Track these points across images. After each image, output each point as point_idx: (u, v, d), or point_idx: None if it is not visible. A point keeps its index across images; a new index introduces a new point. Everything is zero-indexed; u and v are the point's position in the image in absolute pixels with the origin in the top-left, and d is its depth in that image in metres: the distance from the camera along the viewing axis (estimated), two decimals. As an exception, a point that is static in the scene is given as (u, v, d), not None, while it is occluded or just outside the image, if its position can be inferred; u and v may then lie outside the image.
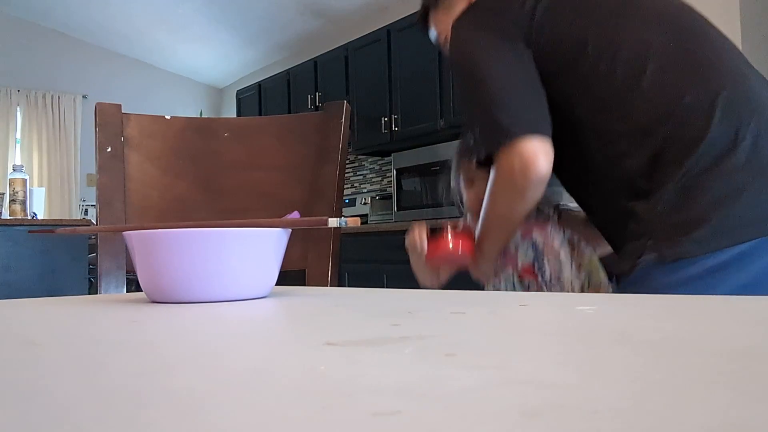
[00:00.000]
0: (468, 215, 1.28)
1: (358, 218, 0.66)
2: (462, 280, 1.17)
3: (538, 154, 1.00)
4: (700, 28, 1.04)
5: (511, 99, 1.03)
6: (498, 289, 1.16)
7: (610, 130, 0.99)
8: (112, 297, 0.70)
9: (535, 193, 1.02)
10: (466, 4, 1.19)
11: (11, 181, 3.61)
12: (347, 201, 4.91)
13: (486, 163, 1.09)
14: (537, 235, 1.18)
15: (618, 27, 1.01)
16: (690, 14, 1.06)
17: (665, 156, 0.93)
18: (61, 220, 4.50)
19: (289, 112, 5.28)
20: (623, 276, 0.95)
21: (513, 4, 1.07)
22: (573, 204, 1.22)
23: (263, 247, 0.60)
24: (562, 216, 1.24)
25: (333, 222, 0.61)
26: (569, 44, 1.02)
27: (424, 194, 4.22)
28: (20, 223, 3.42)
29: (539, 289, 1.14)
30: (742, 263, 0.88)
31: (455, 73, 1.13)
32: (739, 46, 2.72)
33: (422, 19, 1.32)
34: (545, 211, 1.23)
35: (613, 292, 0.98)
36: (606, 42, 1.00)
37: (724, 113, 0.91)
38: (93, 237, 3.47)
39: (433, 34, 1.30)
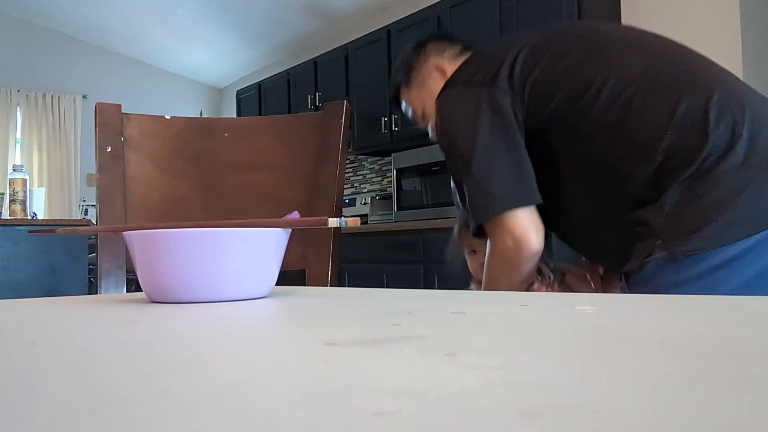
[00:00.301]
0: (473, 283, 1.32)
1: (358, 218, 0.66)
2: (462, 281, 1.19)
3: (529, 231, 1.06)
4: (675, 47, 1.08)
5: (498, 174, 1.08)
6: None
7: (612, 155, 1.02)
8: (112, 297, 0.70)
9: (531, 266, 1.09)
10: (441, 78, 1.23)
11: (11, 181, 3.61)
12: (347, 201, 4.91)
13: (479, 234, 1.14)
14: None
15: (599, 61, 1.05)
16: (661, 38, 1.11)
17: (669, 165, 0.96)
18: (61, 220, 4.50)
19: (289, 112, 5.28)
20: (632, 275, 0.96)
21: (489, 72, 1.11)
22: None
23: (263, 247, 0.60)
24: (566, 276, 1.27)
25: (333, 222, 0.61)
26: (556, 90, 1.06)
27: (424, 194, 4.22)
28: (20, 223, 3.42)
29: None
30: (749, 257, 0.90)
31: (443, 150, 1.17)
32: (739, 48, 2.74)
33: (394, 97, 1.37)
34: (546, 275, 1.26)
35: (623, 292, 0.99)
36: (591, 77, 1.04)
37: (718, 115, 0.94)
38: (93, 237, 3.47)
39: (407, 110, 1.34)
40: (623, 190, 1.00)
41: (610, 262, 1.15)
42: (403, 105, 1.35)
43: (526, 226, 1.06)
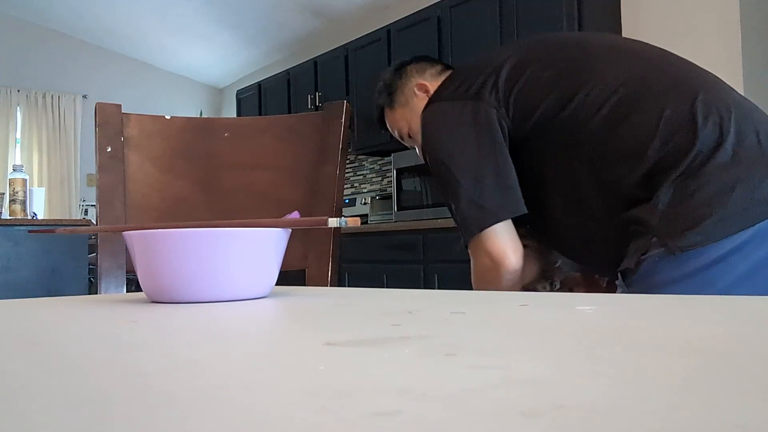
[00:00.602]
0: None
1: (358, 218, 0.66)
2: (462, 281, 1.19)
3: (506, 251, 1.08)
4: (658, 52, 1.10)
5: (486, 188, 1.08)
6: None
7: (601, 160, 1.03)
8: (112, 297, 0.70)
9: (511, 283, 1.11)
10: (425, 96, 1.24)
11: (11, 181, 3.61)
12: (347, 201, 4.91)
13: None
14: None
15: (584, 70, 1.06)
16: (644, 45, 1.12)
17: (661, 165, 0.97)
18: (61, 220, 4.50)
19: (289, 112, 5.28)
20: (628, 273, 0.96)
21: (473, 85, 1.11)
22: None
23: (263, 247, 0.60)
24: (573, 290, 1.27)
25: (333, 222, 0.61)
26: (541, 99, 1.07)
27: (424, 194, 4.22)
28: (20, 223, 3.42)
29: None
30: (744, 251, 0.91)
31: (429, 165, 1.18)
32: (739, 51, 2.74)
33: (379, 119, 1.38)
34: (555, 286, 1.26)
35: (621, 291, 1.00)
36: (576, 86, 1.05)
37: (705, 114, 0.96)
38: (93, 237, 3.47)
39: (393, 131, 1.36)
40: (614, 192, 1.01)
41: (603, 265, 1.15)
42: (389, 126, 1.36)
43: (503, 246, 1.08)
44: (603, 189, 1.02)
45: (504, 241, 1.08)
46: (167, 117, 1.22)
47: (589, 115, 1.02)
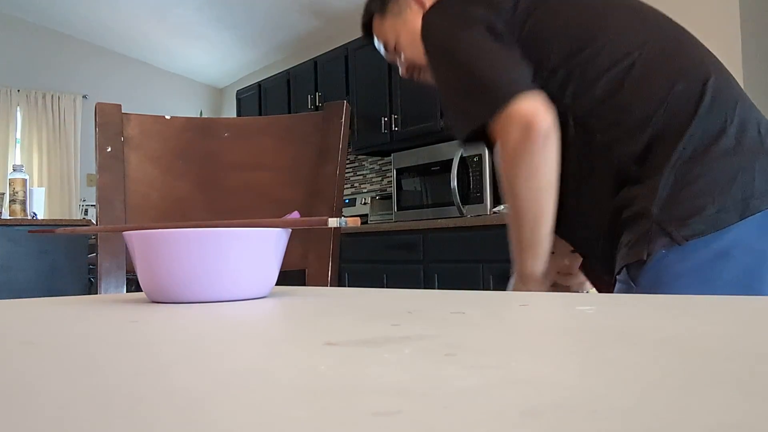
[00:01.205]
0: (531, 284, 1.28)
1: (358, 218, 0.66)
2: (462, 281, 1.18)
3: (537, 108, 0.96)
4: (677, 26, 1.07)
5: (497, 69, 1.00)
6: None
7: (599, 122, 0.99)
8: (112, 297, 0.70)
9: (550, 147, 0.97)
10: (420, 10, 1.17)
11: (11, 181, 3.61)
12: (347, 201, 4.91)
13: (468, 140, 1.06)
14: None
15: (600, 24, 1.03)
16: (663, 15, 1.09)
17: (659, 142, 0.94)
18: (61, 220, 4.50)
19: (289, 112, 5.28)
20: (634, 267, 0.94)
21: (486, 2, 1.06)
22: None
23: (263, 247, 0.60)
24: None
25: (333, 222, 0.61)
26: (552, 40, 1.02)
27: (424, 194, 4.22)
28: (20, 223, 3.42)
29: None
30: (748, 241, 0.90)
31: (433, 61, 1.09)
32: (739, 48, 2.74)
33: (366, 28, 1.29)
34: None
35: (624, 286, 0.97)
36: (588, 36, 1.01)
37: (713, 98, 0.94)
38: (93, 237, 3.47)
39: (378, 43, 1.27)
40: (605, 158, 0.98)
41: (575, 239, 1.10)
42: (375, 36, 1.27)
43: (532, 106, 0.96)
44: (594, 151, 0.99)
45: (531, 102, 0.97)
46: (167, 117, 1.22)
47: (598, 71, 0.98)
